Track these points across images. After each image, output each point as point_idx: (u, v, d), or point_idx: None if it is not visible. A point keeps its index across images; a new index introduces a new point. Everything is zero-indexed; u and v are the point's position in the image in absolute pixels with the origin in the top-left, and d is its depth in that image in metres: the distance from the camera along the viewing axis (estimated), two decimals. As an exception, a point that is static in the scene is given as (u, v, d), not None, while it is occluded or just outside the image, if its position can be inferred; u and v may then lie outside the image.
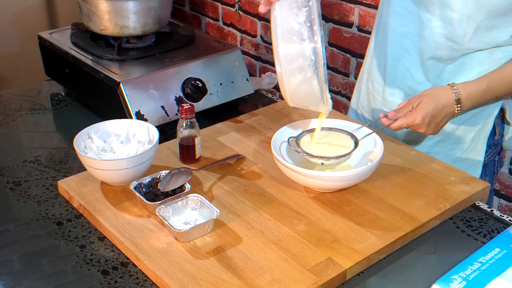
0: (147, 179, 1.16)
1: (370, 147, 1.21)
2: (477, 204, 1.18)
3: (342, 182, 1.13)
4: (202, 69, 1.51)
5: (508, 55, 1.24)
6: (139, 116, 1.41)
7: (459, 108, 1.21)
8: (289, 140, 1.19)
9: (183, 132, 1.25)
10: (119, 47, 1.55)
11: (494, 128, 1.36)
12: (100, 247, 1.07)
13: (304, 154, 1.15)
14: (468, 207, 1.17)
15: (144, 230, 1.06)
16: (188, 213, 1.09)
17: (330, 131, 1.22)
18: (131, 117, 1.40)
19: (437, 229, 1.11)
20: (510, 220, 1.13)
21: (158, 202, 1.09)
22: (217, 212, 1.05)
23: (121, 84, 1.40)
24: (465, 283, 0.92)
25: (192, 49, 1.61)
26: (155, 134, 1.21)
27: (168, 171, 1.16)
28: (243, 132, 1.38)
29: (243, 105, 1.59)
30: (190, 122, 1.24)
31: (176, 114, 1.45)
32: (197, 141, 1.25)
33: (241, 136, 1.37)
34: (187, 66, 1.50)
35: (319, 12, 1.02)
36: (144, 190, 1.14)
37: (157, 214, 1.05)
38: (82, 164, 1.18)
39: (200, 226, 1.04)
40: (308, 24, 1.02)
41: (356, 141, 1.18)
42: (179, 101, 1.46)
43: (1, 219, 1.15)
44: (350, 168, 1.21)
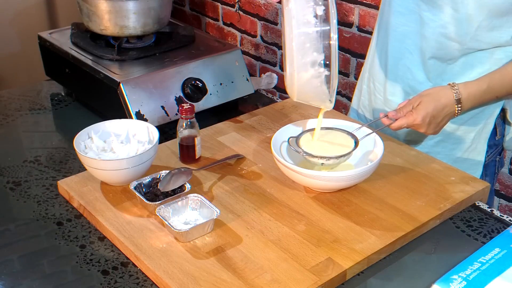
0: (147, 179, 1.16)
1: (370, 147, 1.21)
2: (477, 204, 1.18)
3: (342, 182, 1.13)
4: (202, 69, 1.51)
5: (509, 55, 1.24)
6: (139, 116, 1.41)
7: (460, 108, 1.21)
8: (289, 140, 1.20)
9: (183, 132, 1.25)
10: (119, 47, 1.55)
11: (495, 128, 1.36)
12: (100, 247, 1.07)
13: (304, 154, 1.15)
14: (468, 207, 1.17)
15: (144, 230, 1.06)
16: (188, 213, 1.09)
17: (331, 131, 1.22)
18: (131, 117, 1.40)
19: (437, 229, 1.11)
20: (510, 220, 1.13)
21: (158, 202, 1.09)
22: (217, 212, 1.05)
23: (121, 84, 1.40)
24: (465, 283, 0.92)
25: (192, 49, 1.61)
26: (155, 134, 1.21)
27: (168, 171, 1.16)
28: (243, 132, 1.38)
29: (243, 105, 1.59)
30: (190, 122, 1.24)
31: (176, 114, 1.45)
32: (197, 141, 1.25)
33: (241, 136, 1.37)
34: (187, 66, 1.50)
35: (335, 9, 1.02)
36: (144, 190, 1.14)
37: (157, 214, 1.05)
38: (82, 164, 1.18)
39: (200, 226, 1.04)
40: (325, 18, 1.02)
41: (356, 141, 1.18)
42: (179, 101, 1.46)
43: (1, 219, 1.15)
44: (351, 168, 1.21)
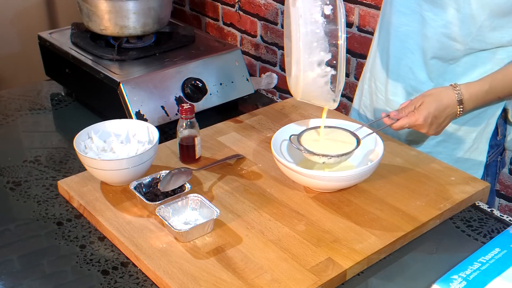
0: (147, 179, 1.16)
1: (371, 147, 1.21)
2: (477, 204, 1.18)
3: (342, 182, 1.13)
4: (202, 69, 1.51)
5: (511, 55, 1.24)
6: (139, 116, 1.41)
7: (461, 109, 1.21)
8: (291, 138, 1.19)
9: (183, 132, 1.25)
10: (119, 47, 1.55)
11: (497, 129, 1.36)
12: (100, 247, 1.07)
13: (306, 152, 1.15)
14: (468, 207, 1.17)
15: (144, 230, 1.06)
16: (188, 213, 1.09)
17: (333, 129, 1.22)
18: (131, 117, 1.40)
19: (437, 229, 1.11)
20: (510, 220, 1.13)
21: (158, 202, 1.09)
22: (217, 212, 1.05)
23: (121, 84, 1.40)
24: (465, 283, 0.92)
25: (192, 49, 1.61)
26: (155, 134, 1.21)
27: (168, 171, 1.16)
28: (243, 132, 1.38)
29: (243, 105, 1.59)
30: (190, 122, 1.24)
31: (176, 114, 1.45)
32: (197, 141, 1.25)
33: (241, 136, 1.37)
34: (187, 66, 1.50)
35: (344, 8, 1.03)
36: (144, 190, 1.14)
37: (157, 214, 1.05)
38: (82, 164, 1.18)
39: (200, 226, 1.04)
40: (333, 18, 1.02)
41: (358, 140, 1.18)
42: (179, 101, 1.46)
43: (1, 219, 1.15)
44: (352, 168, 1.21)
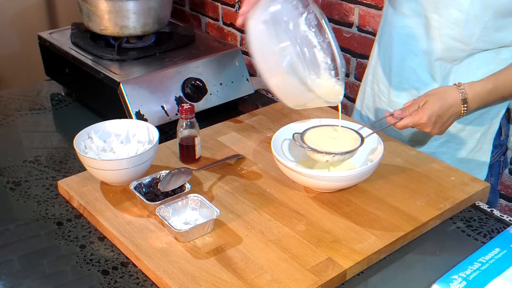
0: (147, 179, 1.16)
1: (371, 147, 1.21)
2: (477, 204, 1.18)
3: (342, 182, 1.13)
4: (202, 69, 1.51)
5: None
6: (139, 116, 1.41)
7: (465, 108, 1.21)
8: (294, 136, 1.19)
9: (183, 132, 1.25)
10: (119, 47, 1.55)
11: (500, 129, 1.36)
12: (100, 247, 1.07)
13: (309, 150, 1.15)
14: (468, 207, 1.17)
15: (144, 230, 1.06)
16: (188, 213, 1.09)
17: (337, 127, 1.22)
18: (131, 117, 1.40)
19: (437, 229, 1.11)
20: (510, 220, 1.13)
21: (158, 202, 1.09)
22: (217, 212, 1.05)
23: (121, 84, 1.40)
24: (465, 283, 0.92)
25: (192, 49, 1.61)
26: (155, 134, 1.21)
27: (168, 171, 1.16)
28: (243, 132, 1.38)
29: (243, 105, 1.59)
30: (190, 122, 1.24)
31: (176, 114, 1.45)
32: (197, 141, 1.25)
33: (241, 136, 1.37)
34: (187, 66, 1.50)
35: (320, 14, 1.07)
36: (144, 190, 1.14)
37: (157, 214, 1.05)
38: (82, 164, 1.18)
39: (200, 226, 1.04)
40: (284, 25, 1.06)
41: (362, 138, 1.18)
42: (179, 101, 1.46)
43: (1, 219, 1.15)
44: (354, 168, 1.21)
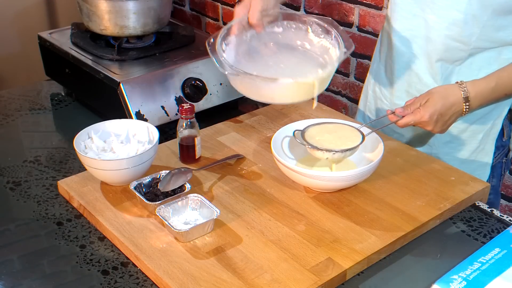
0: (147, 179, 1.16)
1: (371, 147, 1.21)
2: (477, 204, 1.18)
3: (342, 182, 1.13)
4: (202, 69, 1.51)
5: None
6: (139, 116, 1.41)
7: (468, 107, 1.21)
8: (295, 133, 1.19)
9: (183, 132, 1.25)
10: (119, 47, 1.55)
11: (502, 130, 1.36)
12: (100, 247, 1.07)
13: (310, 147, 1.15)
14: (468, 207, 1.17)
15: (144, 230, 1.06)
16: (188, 213, 1.09)
17: (337, 125, 1.22)
18: (131, 117, 1.40)
19: (437, 229, 1.11)
20: (510, 220, 1.13)
21: (158, 202, 1.09)
22: (217, 212, 1.05)
23: (121, 84, 1.40)
24: (465, 283, 0.92)
25: (192, 49, 1.61)
26: (155, 134, 1.21)
27: (168, 171, 1.16)
28: (243, 132, 1.38)
29: (243, 105, 1.59)
30: (190, 122, 1.24)
31: (176, 114, 1.45)
32: (197, 141, 1.25)
33: (241, 136, 1.37)
34: (187, 66, 1.50)
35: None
36: (144, 190, 1.14)
37: (157, 214, 1.05)
38: (82, 164, 1.18)
39: (200, 226, 1.04)
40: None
41: (363, 136, 1.17)
42: (179, 101, 1.46)
43: (1, 219, 1.15)
44: (354, 168, 1.21)
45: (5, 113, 1.55)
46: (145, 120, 1.40)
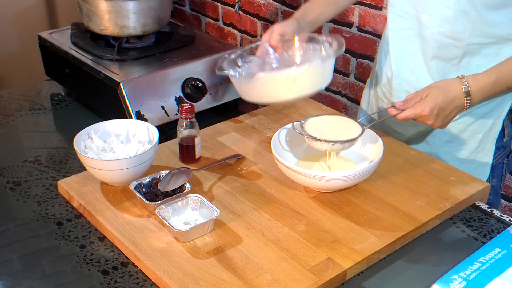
0: (147, 179, 1.16)
1: (371, 147, 1.21)
2: (477, 204, 1.18)
3: (342, 182, 1.13)
4: (202, 69, 1.51)
5: None
6: (139, 116, 1.41)
7: (469, 101, 1.20)
8: (294, 124, 1.19)
9: (183, 132, 1.25)
10: (119, 47, 1.55)
11: (503, 130, 1.36)
12: (100, 247, 1.07)
13: (309, 138, 1.15)
14: (468, 207, 1.17)
15: (144, 230, 1.06)
16: (188, 213, 1.09)
17: (337, 117, 1.22)
18: (131, 117, 1.40)
19: (437, 229, 1.11)
20: (510, 220, 1.13)
21: (158, 202, 1.09)
22: (217, 212, 1.05)
23: (121, 84, 1.40)
24: (465, 283, 0.92)
25: (192, 49, 1.61)
26: (155, 134, 1.21)
27: (168, 171, 1.16)
28: (243, 132, 1.38)
29: (243, 105, 1.59)
30: (190, 122, 1.24)
31: (176, 114, 1.45)
32: (197, 141, 1.25)
33: (241, 136, 1.37)
34: (187, 66, 1.50)
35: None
36: (144, 190, 1.14)
37: (157, 214, 1.05)
38: (82, 164, 1.18)
39: (200, 226, 1.04)
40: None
41: (363, 128, 1.17)
42: (179, 101, 1.46)
43: (1, 219, 1.15)
44: (354, 167, 1.21)
45: (5, 113, 1.55)
46: (145, 120, 1.40)
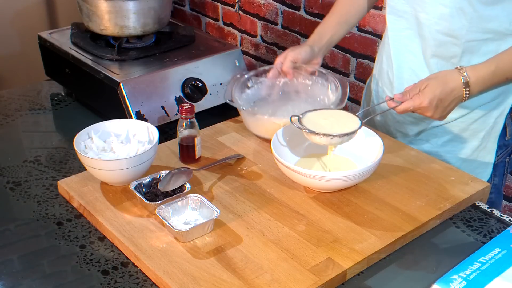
0: (147, 179, 1.16)
1: (371, 147, 1.21)
2: (477, 204, 1.18)
3: (342, 182, 1.13)
4: (202, 69, 1.51)
5: None
6: (139, 116, 1.41)
7: (468, 92, 1.19)
8: (292, 119, 1.18)
9: (183, 132, 1.25)
10: (119, 47, 1.55)
11: (505, 128, 1.36)
12: (100, 247, 1.07)
13: (307, 131, 1.14)
14: (468, 207, 1.17)
15: (144, 230, 1.06)
16: (188, 213, 1.09)
17: (335, 112, 1.22)
18: (131, 117, 1.40)
19: (437, 229, 1.11)
20: (510, 220, 1.13)
21: (158, 202, 1.09)
22: (217, 212, 1.05)
23: (121, 84, 1.40)
24: (465, 283, 0.92)
25: (192, 49, 1.61)
26: (155, 134, 1.21)
27: (168, 171, 1.16)
28: (243, 132, 1.38)
29: (243, 105, 1.59)
30: (190, 122, 1.24)
31: (176, 114, 1.45)
32: (197, 141, 1.25)
33: (241, 136, 1.37)
34: (187, 66, 1.50)
35: None
36: (144, 190, 1.14)
37: (157, 214, 1.05)
38: (82, 164, 1.18)
39: (200, 226, 1.04)
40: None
41: (361, 121, 1.17)
42: (179, 101, 1.46)
43: (1, 219, 1.15)
44: (354, 167, 1.21)
45: (5, 113, 1.55)
46: (145, 120, 1.40)
